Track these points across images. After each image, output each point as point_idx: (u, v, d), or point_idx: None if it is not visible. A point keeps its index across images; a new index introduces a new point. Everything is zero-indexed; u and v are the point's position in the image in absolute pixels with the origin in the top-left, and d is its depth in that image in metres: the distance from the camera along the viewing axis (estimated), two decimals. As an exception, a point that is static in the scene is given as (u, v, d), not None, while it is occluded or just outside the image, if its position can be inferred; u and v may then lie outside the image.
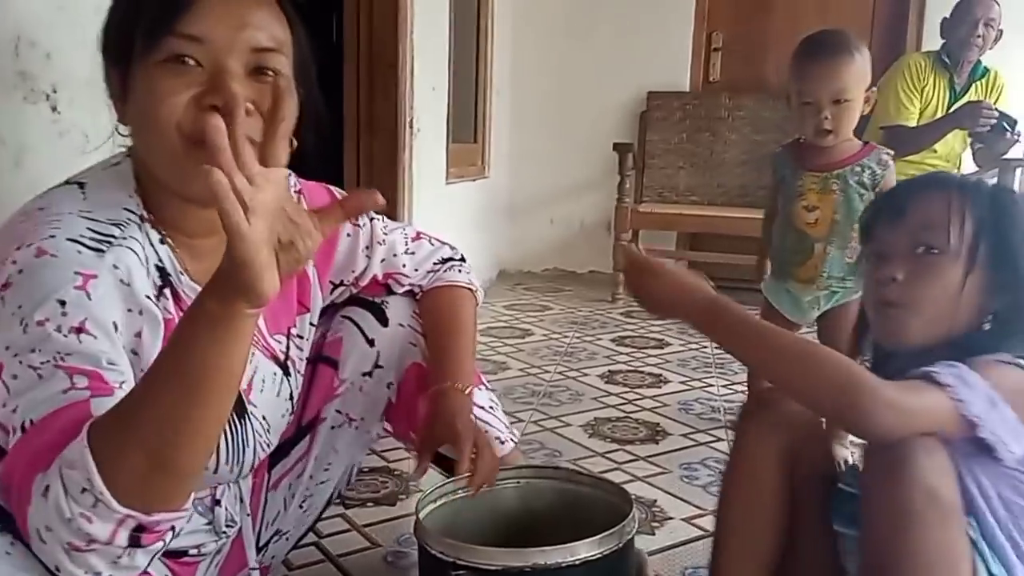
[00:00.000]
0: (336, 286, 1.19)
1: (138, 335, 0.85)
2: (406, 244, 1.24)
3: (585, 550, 0.94)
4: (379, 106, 2.88)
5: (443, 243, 1.30)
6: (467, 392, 1.16)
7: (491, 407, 1.26)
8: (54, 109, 1.32)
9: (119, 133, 0.91)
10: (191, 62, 0.83)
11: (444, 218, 3.29)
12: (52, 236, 0.81)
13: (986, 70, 3.13)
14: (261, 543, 1.20)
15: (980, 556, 0.84)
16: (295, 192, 1.11)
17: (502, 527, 1.13)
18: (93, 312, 0.78)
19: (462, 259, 1.31)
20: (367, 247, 1.18)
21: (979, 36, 2.98)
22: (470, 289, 1.28)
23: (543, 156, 4.23)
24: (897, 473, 0.83)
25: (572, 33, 4.15)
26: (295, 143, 0.92)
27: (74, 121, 1.36)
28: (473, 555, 0.95)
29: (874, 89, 1.79)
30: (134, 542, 0.68)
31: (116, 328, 0.80)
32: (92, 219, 0.85)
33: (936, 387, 0.85)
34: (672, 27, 4.05)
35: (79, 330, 0.76)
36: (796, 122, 1.83)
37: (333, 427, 1.22)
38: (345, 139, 2.90)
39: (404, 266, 1.22)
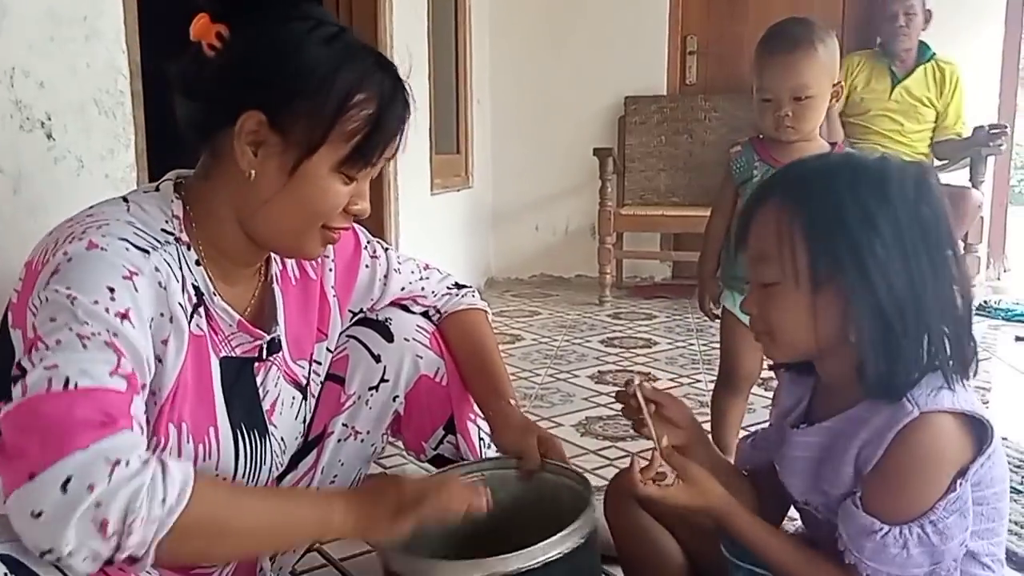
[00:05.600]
0: (355, 315, 1.26)
1: (164, 342, 0.89)
2: (420, 272, 1.31)
3: (543, 552, 0.92)
4: (362, 121, 2.93)
5: (448, 273, 1.37)
6: (516, 404, 1.24)
7: None
8: (49, 136, 1.36)
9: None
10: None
11: (430, 229, 3.32)
12: (103, 234, 0.86)
13: (933, 54, 3.42)
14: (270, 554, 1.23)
15: None
16: None
17: (470, 523, 1.06)
18: (137, 304, 0.84)
19: (468, 286, 1.38)
20: (384, 276, 1.25)
21: (901, 25, 3.41)
22: (485, 312, 1.36)
23: (525, 164, 4.28)
24: None
25: (549, 41, 4.20)
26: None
27: (68, 147, 1.40)
28: (434, 570, 0.94)
29: (841, 82, 1.70)
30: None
31: (151, 326, 0.86)
32: (136, 228, 0.91)
33: None
34: (647, 32, 4.12)
35: (124, 316, 0.81)
36: (757, 117, 1.70)
37: (339, 440, 1.25)
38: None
39: (423, 289, 1.30)
